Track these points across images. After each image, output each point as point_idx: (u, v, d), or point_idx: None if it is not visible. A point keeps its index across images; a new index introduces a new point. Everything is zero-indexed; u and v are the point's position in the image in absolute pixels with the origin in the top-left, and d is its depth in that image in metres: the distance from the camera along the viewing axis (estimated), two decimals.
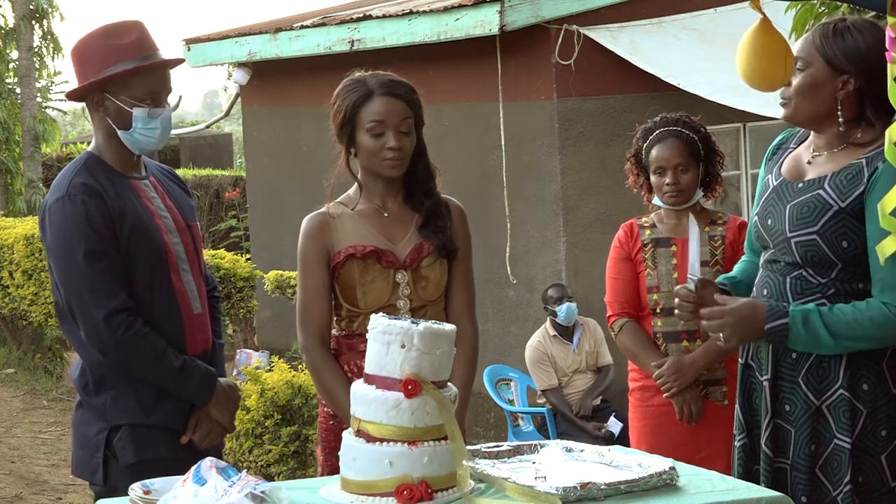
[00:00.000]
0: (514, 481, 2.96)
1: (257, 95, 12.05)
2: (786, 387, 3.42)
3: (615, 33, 8.92)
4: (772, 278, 3.47)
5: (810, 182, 3.43)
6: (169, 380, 3.74)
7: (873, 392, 3.36)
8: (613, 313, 4.65)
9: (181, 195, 3.98)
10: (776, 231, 3.45)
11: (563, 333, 8.29)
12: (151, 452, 3.74)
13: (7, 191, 16.61)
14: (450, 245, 3.81)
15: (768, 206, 3.50)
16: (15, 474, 8.27)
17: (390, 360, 2.95)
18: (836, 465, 3.36)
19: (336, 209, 3.83)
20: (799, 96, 3.43)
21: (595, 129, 8.92)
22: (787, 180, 3.50)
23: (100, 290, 3.66)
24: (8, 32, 17.05)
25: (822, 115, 3.43)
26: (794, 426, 3.41)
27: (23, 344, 12.32)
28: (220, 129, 22.79)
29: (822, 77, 3.41)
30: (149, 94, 3.74)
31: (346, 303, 3.78)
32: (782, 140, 3.66)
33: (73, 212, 3.68)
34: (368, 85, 3.74)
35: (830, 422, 3.37)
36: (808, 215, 3.38)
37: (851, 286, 3.37)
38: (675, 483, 3.04)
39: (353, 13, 10.17)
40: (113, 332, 3.65)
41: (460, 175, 8.96)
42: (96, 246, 3.66)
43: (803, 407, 3.40)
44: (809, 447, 3.38)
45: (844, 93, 3.40)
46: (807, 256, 3.38)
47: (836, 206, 3.35)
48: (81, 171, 3.77)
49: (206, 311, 3.92)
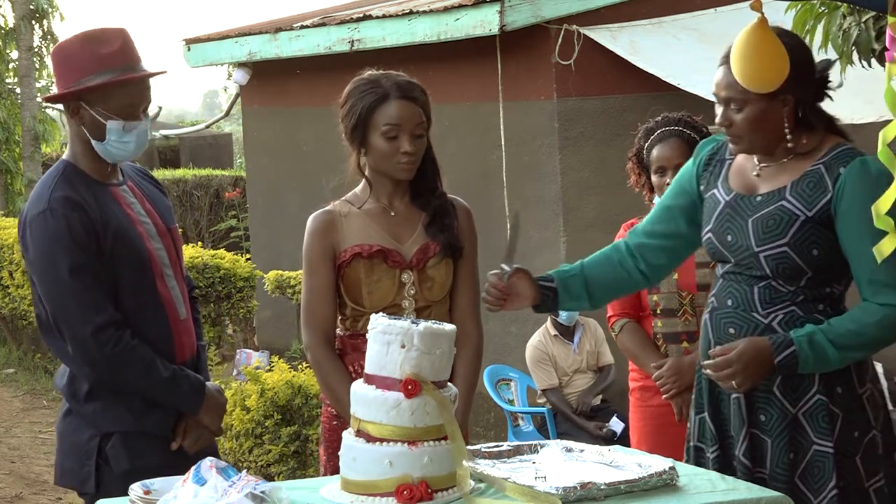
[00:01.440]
0: (514, 481, 2.96)
1: (257, 95, 12.04)
2: (760, 397, 3.40)
3: (615, 33, 8.91)
4: (736, 289, 3.43)
5: (770, 194, 3.40)
6: (158, 391, 3.71)
7: (846, 394, 3.38)
8: (614, 314, 4.65)
9: (159, 197, 3.92)
10: (739, 247, 3.41)
11: (563, 333, 8.28)
12: (145, 459, 3.71)
13: (7, 191, 16.61)
14: (456, 244, 3.81)
15: (724, 221, 3.46)
16: (15, 474, 8.26)
17: (390, 360, 2.95)
18: (817, 471, 3.35)
19: (343, 207, 3.82)
20: (749, 133, 3.39)
21: (595, 129, 8.92)
22: (741, 194, 3.46)
23: (86, 305, 3.60)
24: (8, 32, 17.05)
25: (775, 139, 3.41)
26: (771, 436, 3.39)
27: (23, 344, 12.32)
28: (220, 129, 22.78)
29: (762, 108, 3.37)
30: (125, 107, 3.65)
31: (352, 302, 3.78)
32: (712, 151, 3.61)
33: (55, 226, 3.60)
34: (384, 87, 3.72)
35: (808, 429, 3.37)
36: (776, 228, 3.36)
37: (820, 291, 3.37)
38: (675, 483, 3.04)
39: (353, 13, 10.17)
40: (102, 348, 3.61)
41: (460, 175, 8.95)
42: (80, 260, 3.60)
43: (779, 416, 3.39)
44: (788, 456, 3.37)
45: (787, 111, 3.38)
46: (778, 269, 3.36)
47: (804, 215, 3.34)
48: (60, 182, 3.68)
49: (189, 315, 3.88)
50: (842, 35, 5.16)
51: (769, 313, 3.38)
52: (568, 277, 3.58)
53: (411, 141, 3.70)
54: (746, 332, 3.38)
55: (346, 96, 3.77)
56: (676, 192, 3.63)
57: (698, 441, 3.51)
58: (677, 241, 3.64)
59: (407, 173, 3.75)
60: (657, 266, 3.65)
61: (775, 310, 3.37)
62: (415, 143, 3.71)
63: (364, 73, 3.81)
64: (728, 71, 3.37)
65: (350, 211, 3.81)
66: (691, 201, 3.60)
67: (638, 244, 3.64)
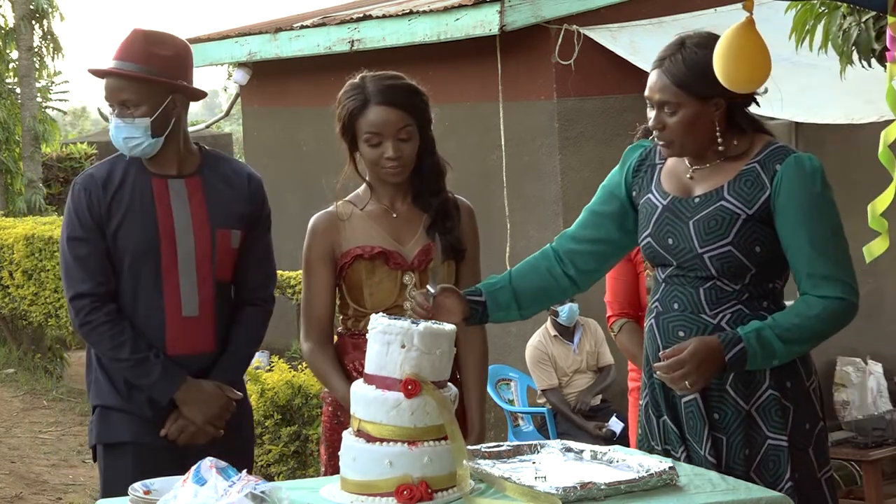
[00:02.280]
0: (514, 481, 2.96)
1: (257, 95, 12.04)
2: (714, 396, 3.41)
3: (615, 33, 8.91)
4: (682, 291, 3.44)
5: (708, 195, 3.41)
6: (124, 370, 3.86)
7: (795, 388, 3.41)
8: (613, 314, 4.65)
9: (227, 200, 3.98)
10: (681, 249, 3.42)
11: (563, 333, 8.29)
12: (115, 435, 3.89)
13: (7, 191, 16.60)
14: (458, 246, 3.81)
15: (664, 225, 3.46)
16: (15, 474, 8.27)
17: (390, 360, 2.95)
18: (772, 465, 3.38)
19: (345, 208, 3.82)
20: (681, 137, 3.40)
21: (595, 129, 8.92)
22: (678, 197, 3.47)
23: (73, 274, 3.88)
24: (8, 32, 17.05)
25: (706, 143, 3.43)
26: (726, 433, 3.41)
27: (23, 344, 12.32)
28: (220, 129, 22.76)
29: (695, 111, 3.38)
30: (108, 98, 3.91)
31: (353, 303, 3.78)
32: (641, 157, 3.62)
33: (71, 199, 3.93)
34: (366, 92, 3.71)
35: (761, 424, 3.39)
36: (718, 228, 3.37)
37: (763, 288, 3.40)
38: (675, 483, 3.04)
39: (353, 13, 10.17)
40: (77, 315, 3.89)
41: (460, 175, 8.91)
42: (78, 233, 3.88)
43: (734, 413, 3.40)
44: (744, 451, 3.40)
45: (719, 114, 3.41)
46: (723, 269, 3.37)
47: (744, 214, 3.36)
48: (106, 162, 3.99)
49: (207, 316, 3.93)
50: (842, 35, 5.16)
51: (717, 313, 3.39)
52: (496, 290, 3.57)
53: (395, 146, 3.69)
54: (696, 333, 3.39)
55: (337, 101, 3.78)
56: (605, 198, 3.63)
57: (665, 444, 3.52)
58: (607, 247, 3.65)
59: (395, 177, 3.74)
60: (586, 271, 3.65)
61: (722, 309, 3.39)
62: (399, 147, 3.70)
63: (357, 74, 3.80)
64: (661, 74, 3.40)
65: (352, 212, 3.81)
66: (621, 207, 3.61)
67: (567, 250, 3.64)
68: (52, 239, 10.83)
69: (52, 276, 10.90)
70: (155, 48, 3.87)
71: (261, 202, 4.10)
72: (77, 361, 12.31)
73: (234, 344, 4.02)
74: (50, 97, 18.25)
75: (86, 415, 9.56)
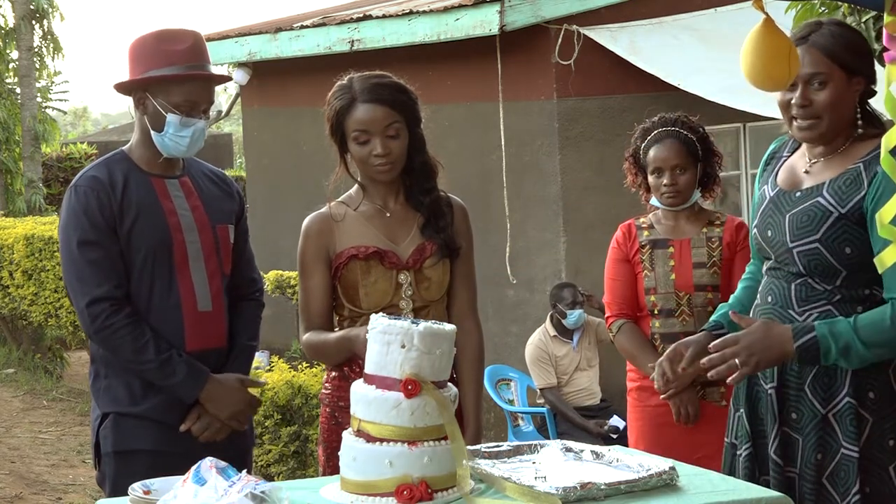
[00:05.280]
0: (514, 481, 2.96)
1: (257, 95, 12.05)
2: (792, 395, 3.36)
3: (615, 33, 8.92)
4: (776, 285, 3.41)
5: (808, 190, 3.37)
6: (149, 372, 3.82)
7: (879, 400, 3.30)
8: (612, 314, 4.65)
9: (217, 197, 4.04)
10: (777, 242, 3.39)
11: (563, 333, 8.29)
12: (131, 443, 3.83)
13: (7, 191, 16.61)
14: (452, 245, 3.81)
15: (766, 217, 3.44)
16: (15, 474, 8.26)
17: (390, 360, 2.95)
18: (843, 474, 3.29)
19: (338, 209, 3.83)
20: (828, 112, 3.34)
21: (595, 129, 8.92)
22: (784, 190, 3.44)
23: (87, 278, 3.80)
24: (8, 32, 17.05)
25: (846, 125, 3.38)
26: (802, 434, 3.35)
27: (23, 344, 12.32)
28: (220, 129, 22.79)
29: (842, 87, 3.34)
30: (186, 102, 3.85)
31: (349, 303, 3.78)
32: (775, 150, 3.60)
33: (76, 202, 3.84)
34: (352, 91, 3.72)
35: (837, 430, 3.30)
36: (809, 224, 3.33)
37: (858, 292, 3.31)
38: (675, 483, 3.04)
39: (353, 13, 10.17)
40: (93, 321, 3.79)
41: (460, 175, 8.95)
42: (90, 236, 3.81)
43: (810, 415, 3.34)
44: (815, 456, 3.32)
45: (858, 95, 3.37)
46: (810, 265, 3.32)
47: (837, 212, 3.30)
48: (101, 164, 3.93)
49: (219, 310, 3.95)
50: None
51: (805, 311, 3.34)
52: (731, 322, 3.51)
53: (383, 143, 3.69)
54: None
55: (326, 102, 3.79)
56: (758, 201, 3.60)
57: (734, 438, 3.49)
58: None
59: (385, 175, 3.75)
60: None
61: (811, 308, 3.33)
62: (387, 144, 3.70)
63: (345, 76, 3.81)
64: (809, 48, 3.33)
65: (346, 213, 3.81)
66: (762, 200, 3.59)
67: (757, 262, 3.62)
68: (52, 239, 10.84)
69: (52, 276, 10.91)
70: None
71: (242, 200, 4.20)
72: (77, 361, 12.32)
73: (241, 338, 4.05)
74: (50, 97, 18.26)
75: (86, 415, 9.56)
